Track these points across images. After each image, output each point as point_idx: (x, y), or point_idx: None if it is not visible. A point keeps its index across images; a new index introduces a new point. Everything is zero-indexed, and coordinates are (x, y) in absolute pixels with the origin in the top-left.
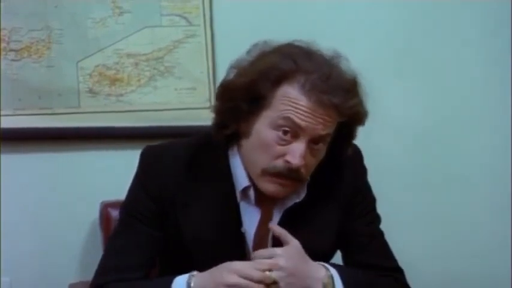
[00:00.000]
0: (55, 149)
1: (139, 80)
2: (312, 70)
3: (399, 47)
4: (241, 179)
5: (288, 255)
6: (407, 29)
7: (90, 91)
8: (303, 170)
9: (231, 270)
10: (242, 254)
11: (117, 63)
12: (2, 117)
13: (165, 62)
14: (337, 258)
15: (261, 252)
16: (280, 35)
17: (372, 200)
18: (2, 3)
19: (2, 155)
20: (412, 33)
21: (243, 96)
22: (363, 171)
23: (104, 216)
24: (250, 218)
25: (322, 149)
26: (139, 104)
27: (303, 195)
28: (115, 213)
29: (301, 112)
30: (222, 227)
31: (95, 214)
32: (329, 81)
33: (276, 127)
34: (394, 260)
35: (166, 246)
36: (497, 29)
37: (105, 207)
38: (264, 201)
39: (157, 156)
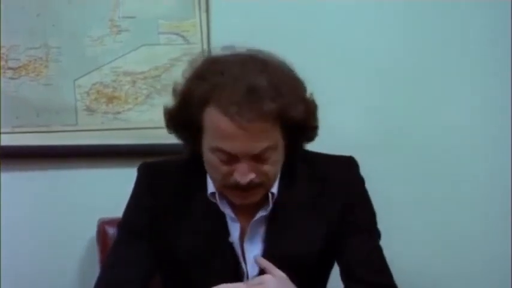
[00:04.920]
0: (52, 167)
1: (136, 98)
2: (225, 85)
3: (398, 48)
4: (209, 185)
5: (277, 281)
6: (405, 32)
7: (88, 109)
8: (259, 180)
9: None
10: (234, 265)
11: (114, 81)
12: (0, 135)
13: (162, 80)
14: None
15: (250, 282)
16: (278, 53)
17: (371, 214)
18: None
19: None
20: (409, 36)
21: (180, 123)
22: (357, 182)
23: (101, 234)
24: (234, 228)
25: (271, 156)
26: (136, 122)
27: (269, 208)
28: (112, 231)
29: (228, 137)
30: (211, 239)
31: (92, 231)
32: (244, 94)
33: (214, 153)
34: (391, 278)
35: (163, 260)
36: (497, 31)
37: (102, 224)
38: (244, 208)
39: (152, 172)
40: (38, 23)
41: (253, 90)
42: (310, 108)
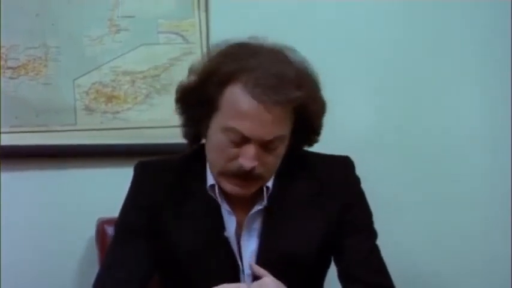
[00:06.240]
0: (52, 166)
1: (135, 98)
2: (255, 67)
3: (398, 48)
4: (209, 178)
5: (277, 284)
6: (405, 32)
7: (87, 108)
8: (260, 170)
9: None
10: (230, 260)
11: (113, 80)
12: None
13: (162, 79)
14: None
15: (251, 285)
16: None
17: (368, 215)
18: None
19: None
20: (408, 36)
21: (194, 99)
22: (354, 182)
23: (101, 233)
24: (230, 222)
25: (278, 146)
26: (135, 122)
27: (264, 202)
28: (111, 230)
29: (247, 117)
30: (208, 235)
31: (91, 231)
32: (271, 77)
33: (225, 133)
34: (389, 278)
35: (161, 258)
36: (497, 31)
37: (102, 224)
38: (240, 203)
39: (148, 170)
40: (37, 23)
41: (281, 77)
42: (324, 107)
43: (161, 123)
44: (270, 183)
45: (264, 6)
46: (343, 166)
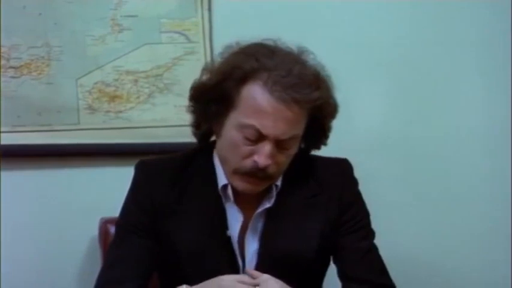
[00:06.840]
0: (54, 166)
1: (138, 97)
2: (274, 67)
3: (396, 49)
4: (220, 178)
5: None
6: (402, 32)
7: (90, 108)
8: (272, 169)
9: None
10: (231, 259)
11: (116, 80)
12: (1, 134)
13: (164, 79)
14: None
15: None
16: None
17: (365, 215)
18: (1, 21)
19: (0, 172)
20: (407, 37)
21: (210, 97)
22: (352, 183)
23: (103, 233)
24: (235, 221)
25: (292, 146)
26: (138, 121)
27: (272, 200)
28: (114, 230)
29: (266, 114)
30: (209, 232)
31: (94, 230)
32: (291, 76)
33: (242, 130)
34: (388, 276)
35: (161, 257)
36: (497, 32)
37: (105, 223)
38: (246, 202)
39: (148, 169)
40: (39, 22)
41: (301, 77)
42: (336, 110)
43: (164, 123)
44: (279, 182)
45: (267, 5)
46: (341, 168)
